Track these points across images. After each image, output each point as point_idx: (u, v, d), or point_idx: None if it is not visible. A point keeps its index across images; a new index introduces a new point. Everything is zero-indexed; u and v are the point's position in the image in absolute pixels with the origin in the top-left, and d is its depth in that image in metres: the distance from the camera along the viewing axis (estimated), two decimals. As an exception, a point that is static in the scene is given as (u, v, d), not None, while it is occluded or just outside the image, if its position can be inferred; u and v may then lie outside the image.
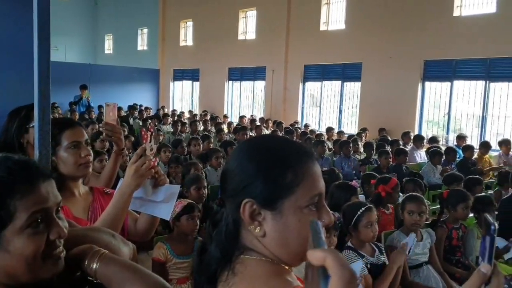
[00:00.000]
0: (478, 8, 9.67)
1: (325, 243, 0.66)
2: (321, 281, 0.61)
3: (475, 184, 5.07)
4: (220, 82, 16.32)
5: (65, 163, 1.91)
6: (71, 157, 1.91)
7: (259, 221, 0.98)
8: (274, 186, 0.96)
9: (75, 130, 1.96)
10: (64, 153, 1.91)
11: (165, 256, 3.02)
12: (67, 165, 1.92)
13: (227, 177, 1.03)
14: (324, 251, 0.63)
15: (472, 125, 10.22)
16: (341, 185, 3.83)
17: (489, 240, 0.98)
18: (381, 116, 10.98)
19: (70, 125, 1.98)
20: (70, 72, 16.05)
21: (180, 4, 17.88)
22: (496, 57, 9.25)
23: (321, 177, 1.02)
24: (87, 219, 1.95)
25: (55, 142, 1.88)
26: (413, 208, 3.43)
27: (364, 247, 3.00)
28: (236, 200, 0.99)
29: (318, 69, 13.10)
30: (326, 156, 7.68)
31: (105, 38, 24.03)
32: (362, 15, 11.58)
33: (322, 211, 1.00)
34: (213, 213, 1.10)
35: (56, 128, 1.89)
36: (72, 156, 1.92)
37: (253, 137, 1.17)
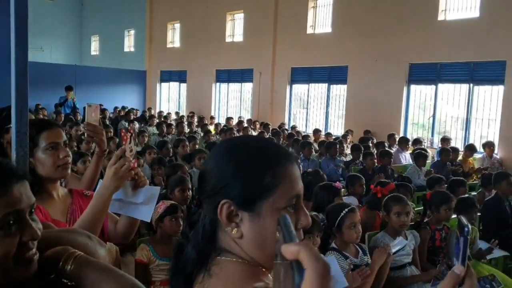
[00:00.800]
0: (462, 12, 9.79)
1: (296, 237, 0.66)
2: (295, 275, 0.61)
3: (459, 185, 5.12)
4: (207, 84, 16.29)
5: (43, 164, 1.88)
6: (49, 158, 1.89)
7: (236, 223, 0.97)
8: (252, 187, 0.96)
9: (53, 131, 1.93)
10: (42, 155, 1.88)
11: (148, 257, 2.99)
12: (45, 167, 1.89)
13: (205, 177, 1.02)
14: (297, 245, 0.63)
15: (457, 127, 10.34)
16: (325, 186, 3.84)
17: (462, 241, 0.99)
18: (367, 118, 11.06)
19: (48, 126, 1.94)
20: (56, 73, 15.92)
21: (167, 5, 17.82)
22: (480, 61, 9.38)
23: (299, 178, 1.02)
24: (65, 221, 1.92)
25: (33, 143, 1.86)
26: (399, 209, 3.45)
27: (348, 248, 3.01)
28: (213, 201, 0.98)
29: (305, 72, 13.15)
30: (313, 158, 7.71)
31: (92, 39, 23.84)
32: (348, 19, 11.66)
33: (300, 212, 1.00)
34: (190, 214, 1.10)
35: (34, 129, 1.86)
36: (50, 157, 1.89)
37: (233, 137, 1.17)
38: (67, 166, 1.94)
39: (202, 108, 16.11)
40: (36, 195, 1.87)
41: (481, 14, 9.27)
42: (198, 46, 16.32)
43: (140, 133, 8.06)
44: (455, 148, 8.23)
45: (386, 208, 3.56)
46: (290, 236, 0.66)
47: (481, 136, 9.75)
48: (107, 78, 17.54)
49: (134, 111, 14.47)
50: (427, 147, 9.40)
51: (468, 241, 0.99)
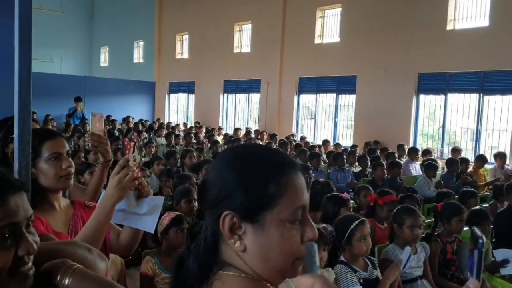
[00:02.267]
0: (471, 21, 9.73)
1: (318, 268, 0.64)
2: None
3: (470, 197, 5.03)
4: (215, 94, 16.33)
5: (45, 175, 1.85)
6: (51, 169, 1.85)
7: (239, 235, 0.93)
8: (255, 198, 0.92)
9: (56, 141, 1.90)
10: (45, 165, 1.85)
11: (153, 270, 2.94)
12: (47, 177, 1.85)
13: (207, 187, 0.97)
14: (313, 277, 0.60)
15: (466, 138, 10.22)
16: (332, 197, 3.78)
17: (477, 254, 0.94)
18: (376, 128, 10.98)
19: (51, 136, 1.91)
20: (65, 84, 16.07)
21: (176, 17, 17.96)
22: (490, 70, 9.29)
23: (305, 189, 0.97)
24: (67, 232, 1.89)
25: (35, 153, 1.82)
26: (413, 222, 3.37)
27: (357, 261, 2.95)
28: (215, 212, 0.94)
29: (313, 82, 13.13)
30: (321, 169, 7.66)
31: (101, 51, 24.08)
32: (356, 29, 11.64)
33: (306, 225, 0.95)
34: (192, 225, 1.06)
35: (36, 139, 1.83)
36: (52, 168, 1.85)
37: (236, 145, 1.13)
38: (70, 177, 1.91)
39: (210, 119, 16.13)
40: (37, 206, 1.86)
41: (491, 23, 9.20)
42: (206, 57, 16.40)
43: (148, 143, 8.05)
44: (465, 159, 8.12)
45: (398, 221, 3.49)
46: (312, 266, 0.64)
47: (492, 147, 9.62)
48: (116, 89, 17.66)
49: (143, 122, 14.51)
50: (437, 157, 9.30)
51: (483, 253, 0.94)
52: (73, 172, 1.94)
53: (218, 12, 15.77)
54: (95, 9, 24.27)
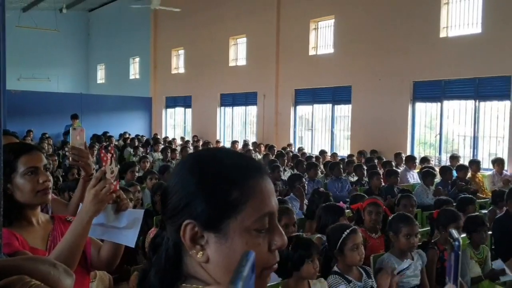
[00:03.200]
0: (464, 29, 9.75)
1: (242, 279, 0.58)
2: None
3: (468, 203, 4.96)
4: (212, 108, 16.33)
5: (21, 190, 1.80)
6: (28, 184, 1.81)
7: (202, 245, 0.87)
8: (217, 205, 0.86)
9: (32, 155, 1.85)
10: (21, 180, 1.80)
11: (142, 286, 2.86)
12: (23, 193, 1.80)
13: (167, 195, 0.92)
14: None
15: (464, 145, 10.17)
16: (329, 207, 3.72)
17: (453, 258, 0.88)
18: (373, 137, 10.94)
19: (27, 150, 1.87)
20: (62, 102, 16.09)
21: (171, 32, 18.06)
22: (484, 77, 9.28)
23: (273, 194, 0.92)
24: (45, 249, 1.83)
25: (10, 168, 1.78)
26: (409, 231, 3.31)
27: (351, 271, 2.88)
28: (176, 222, 0.89)
29: (309, 93, 13.13)
30: (318, 179, 7.60)
31: (98, 68, 24.18)
32: (350, 39, 11.67)
33: (274, 232, 0.90)
34: (154, 236, 1.00)
35: (12, 154, 1.80)
36: (29, 182, 1.81)
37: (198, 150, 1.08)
38: (48, 192, 1.86)
39: (208, 133, 16.11)
40: (14, 223, 1.80)
41: (483, 30, 9.23)
42: (202, 71, 16.44)
43: (142, 158, 8.00)
44: (462, 166, 8.06)
45: (394, 229, 3.42)
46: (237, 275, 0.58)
47: (490, 154, 9.57)
48: (113, 106, 17.67)
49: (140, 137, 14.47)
50: (435, 165, 9.23)
51: (460, 256, 0.89)
52: (51, 187, 1.90)
53: (212, 26, 15.85)
54: (91, 27, 24.42)
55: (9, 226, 1.75)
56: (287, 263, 2.66)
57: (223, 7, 15.37)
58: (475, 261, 3.83)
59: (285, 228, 3.35)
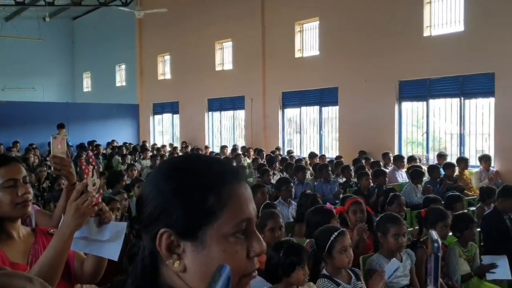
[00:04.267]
0: (447, 27, 9.84)
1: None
2: None
3: (455, 201, 4.99)
4: (200, 113, 16.28)
5: (1, 203, 1.77)
6: (6, 196, 1.77)
7: (178, 254, 0.85)
8: (193, 212, 0.84)
9: (11, 166, 1.82)
10: (0, 193, 1.77)
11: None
12: (2, 206, 1.78)
13: (142, 204, 0.90)
14: None
15: (451, 143, 10.24)
16: (317, 210, 3.70)
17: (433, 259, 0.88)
18: (361, 138, 10.98)
19: (5, 161, 1.84)
20: (48, 112, 15.93)
21: (156, 39, 17.98)
22: (469, 74, 9.37)
23: (250, 200, 0.90)
24: (26, 263, 1.79)
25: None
26: (397, 231, 3.32)
27: (340, 274, 2.86)
28: (151, 230, 0.86)
29: (296, 96, 13.15)
30: (307, 181, 7.60)
31: (84, 76, 23.99)
32: (335, 41, 11.72)
33: (252, 238, 0.88)
34: (130, 246, 0.98)
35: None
36: (8, 195, 1.77)
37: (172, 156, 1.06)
38: (27, 204, 1.82)
39: (196, 138, 16.05)
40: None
41: (465, 28, 9.32)
42: (189, 77, 16.39)
43: (130, 166, 7.94)
44: (450, 164, 8.12)
45: (381, 229, 3.43)
46: None
47: (476, 151, 9.65)
48: (100, 114, 17.54)
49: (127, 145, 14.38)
50: (423, 164, 9.29)
51: (439, 258, 0.88)
52: (31, 199, 1.86)
53: (198, 31, 15.82)
54: (75, 35, 24.24)
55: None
56: (277, 268, 2.64)
57: (208, 11, 15.35)
58: (463, 259, 3.84)
59: (271, 232, 3.33)
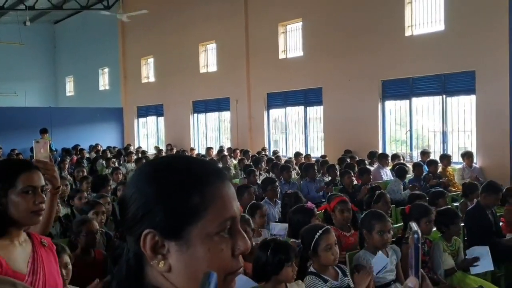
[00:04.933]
0: (428, 27, 9.97)
1: None
2: None
3: (438, 197, 5.06)
4: (185, 115, 16.23)
5: (16, 208, 1.76)
6: (23, 202, 1.77)
7: (163, 254, 0.85)
8: (177, 212, 0.85)
9: (32, 174, 1.82)
10: (17, 198, 1.77)
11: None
12: (18, 211, 1.77)
13: (125, 205, 0.90)
14: None
15: (434, 140, 10.37)
16: (298, 209, 3.72)
17: (414, 250, 0.90)
18: (346, 137, 11.06)
19: (28, 168, 1.84)
20: (30, 117, 15.73)
21: (139, 41, 17.88)
22: (450, 72, 9.50)
23: (234, 199, 0.91)
24: (26, 271, 1.76)
25: (9, 183, 1.76)
26: (382, 227, 3.36)
27: (327, 271, 2.89)
28: (135, 232, 0.87)
29: (281, 96, 13.20)
30: (293, 181, 7.63)
31: (66, 80, 23.75)
32: (318, 41, 11.79)
33: (237, 237, 0.89)
34: (114, 248, 0.98)
35: (12, 169, 1.80)
36: (25, 202, 1.77)
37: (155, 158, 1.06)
38: (41, 213, 1.84)
39: (182, 140, 15.99)
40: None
41: (446, 27, 9.45)
42: (173, 79, 16.33)
43: (114, 170, 7.87)
44: (433, 161, 8.23)
45: (366, 226, 3.46)
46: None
47: (459, 148, 9.79)
48: (83, 118, 17.40)
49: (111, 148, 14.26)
50: (407, 162, 9.39)
51: (420, 248, 0.91)
52: (44, 209, 1.87)
53: (181, 33, 15.78)
54: (57, 39, 23.98)
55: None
56: (265, 267, 2.65)
57: (190, 13, 15.32)
58: (448, 254, 3.90)
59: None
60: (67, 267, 2.71)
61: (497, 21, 8.53)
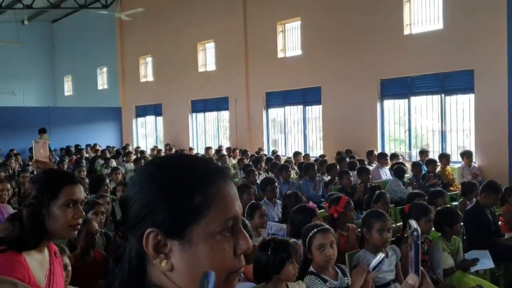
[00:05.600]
0: (427, 25, 9.98)
1: None
2: None
3: (437, 196, 5.06)
4: (183, 115, 16.22)
5: (55, 220, 1.75)
6: (63, 216, 1.76)
7: (166, 253, 0.86)
8: (179, 211, 0.85)
9: (75, 187, 1.80)
10: (58, 210, 1.75)
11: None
12: (57, 223, 1.75)
13: (127, 205, 0.90)
14: None
15: (433, 139, 10.38)
16: (299, 208, 3.72)
17: (414, 247, 0.90)
18: (345, 137, 11.06)
19: (72, 181, 1.83)
20: (29, 117, 15.70)
21: (138, 40, 17.85)
22: (449, 71, 9.51)
23: (236, 198, 0.91)
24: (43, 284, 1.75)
25: (52, 195, 1.75)
26: (381, 226, 3.36)
27: (327, 270, 2.88)
28: (137, 231, 0.87)
29: (280, 95, 13.20)
30: (292, 180, 7.63)
31: (64, 80, 23.71)
32: (317, 40, 11.79)
33: (239, 236, 0.89)
34: (116, 247, 0.98)
35: (57, 181, 1.79)
36: (65, 215, 1.76)
37: (157, 157, 1.06)
38: (77, 228, 1.83)
39: (180, 140, 15.98)
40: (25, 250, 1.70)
41: (445, 26, 9.46)
42: (171, 78, 16.31)
43: (114, 170, 7.87)
44: (432, 160, 8.24)
45: (366, 225, 3.47)
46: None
47: (458, 147, 9.80)
48: (82, 118, 17.38)
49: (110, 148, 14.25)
50: (406, 161, 9.40)
51: (419, 246, 0.91)
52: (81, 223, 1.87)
53: (179, 32, 15.76)
54: (55, 39, 23.93)
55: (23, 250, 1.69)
56: (266, 267, 2.65)
57: (189, 12, 15.30)
58: (447, 253, 3.91)
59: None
60: (66, 268, 2.70)
61: (496, 20, 8.54)
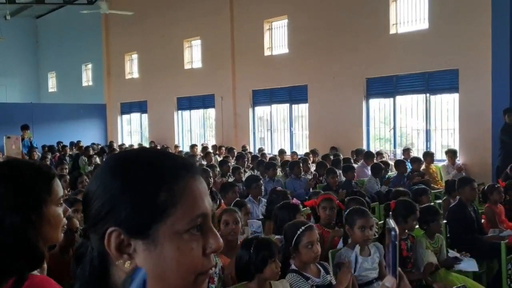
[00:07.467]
0: (412, 25, 10.02)
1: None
2: None
3: (421, 194, 5.08)
4: (169, 112, 16.10)
5: (51, 223, 1.32)
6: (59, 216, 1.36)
7: (129, 254, 0.80)
8: (144, 209, 0.79)
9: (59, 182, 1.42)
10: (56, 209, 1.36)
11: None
12: (53, 227, 1.32)
13: (88, 201, 0.84)
14: None
15: (418, 138, 10.44)
16: (283, 205, 3.69)
17: (391, 248, 0.86)
18: (331, 135, 11.08)
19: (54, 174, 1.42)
20: (11, 113, 15.44)
21: (123, 37, 17.65)
22: (434, 71, 9.57)
23: (205, 194, 0.85)
24: None
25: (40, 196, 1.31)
26: (363, 223, 3.34)
27: (309, 268, 2.86)
28: (99, 229, 0.81)
29: (266, 93, 13.16)
30: (278, 178, 7.61)
31: (49, 76, 23.36)
32: (303, 39, 11.77)
33: (209, 234, 0.84)
34: (78, 246, 0.92)
35: (41, 176, 1.34)
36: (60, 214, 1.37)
37: (121, 151, 1.00)
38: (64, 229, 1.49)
39: (166, 137, 15.85)
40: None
41: (430, 26, 9.51)
42: (157, 75, 16.17)
43: (97, 167, 7.75)
44: (416, 158, 8.28)
45: (349, 222, 3.44)
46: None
47: (442, 146, 9.88)
48: (66, 114, 17.16)
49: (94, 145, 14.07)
50: (391, 159, 9.44)
51: (397, 246, 0.86)
52: None
53: (165, 29, 15.62)
54: (39, 35, 23.56)
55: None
56: (249, 266, 2.61)
57: (175, 9, 15.17)
58: (430, 251, 3.91)
59: (225, 225, 3.35)
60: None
61: (480, 20, 8.60)
